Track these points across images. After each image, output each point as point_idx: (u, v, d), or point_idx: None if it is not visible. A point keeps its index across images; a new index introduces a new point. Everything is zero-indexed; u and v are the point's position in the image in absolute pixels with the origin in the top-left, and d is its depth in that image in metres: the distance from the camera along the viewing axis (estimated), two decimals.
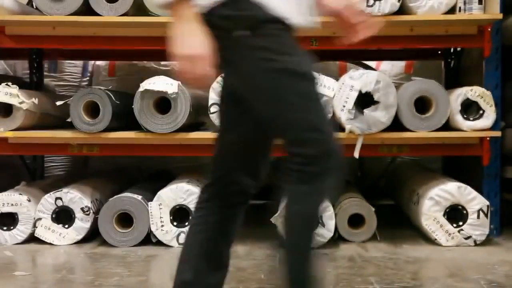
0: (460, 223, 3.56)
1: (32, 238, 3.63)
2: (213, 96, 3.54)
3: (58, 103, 3.74)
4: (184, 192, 3.56)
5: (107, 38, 3.77)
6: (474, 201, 3.55)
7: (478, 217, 3.54)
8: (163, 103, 3.57)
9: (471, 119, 3.61)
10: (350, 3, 1.99)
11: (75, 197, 3.61)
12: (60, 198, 3.60)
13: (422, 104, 3.60)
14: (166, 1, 1.74)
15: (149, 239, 3.58)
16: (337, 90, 3.53)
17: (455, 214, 3.57)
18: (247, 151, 1.95)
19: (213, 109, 3.54)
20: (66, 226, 3.61)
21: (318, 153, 1.74)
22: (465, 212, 3.55)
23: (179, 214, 3.58)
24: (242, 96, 1.85)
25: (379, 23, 2.02)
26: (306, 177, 1.74)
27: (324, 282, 2.24)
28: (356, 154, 3.53)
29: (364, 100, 3.51)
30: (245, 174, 1.94)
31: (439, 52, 4.59)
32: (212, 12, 1.78)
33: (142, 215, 3.57)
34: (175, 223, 3.57)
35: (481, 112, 3.60)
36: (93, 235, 3.70)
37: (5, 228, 3.62)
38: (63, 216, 3.62)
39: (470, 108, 3.62)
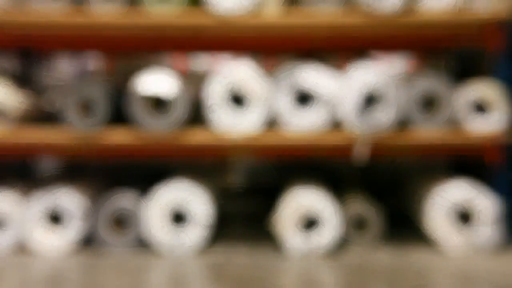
0: (464, 225, 3.54)
1: (28, 240, 3.62)
2: (213, 96, 3.53)
3: (58, 103, 3.73)
4: (184, 192, 3.55)
5: (107, 38, 3.76)
6: (479, 202, 3.53)
7: (483, 218, 3.52)
8: (162, 103, 3.56)
9: (476, 118, 3.60)
10: None
11: (73, 198, 3.60)
12: (58, 199, 3.59)
13: (424, 104, 3.59)
14: None
15: (148, 240, 3.57)
16: (337, 90, 3.52)
17: (459, 215, 3.56)
18: None
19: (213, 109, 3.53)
20: (64, 227, 3.60)
21: None
22: (469, 213, 3.54)
23: (178, 214, 3.58)
24: None
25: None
26: None
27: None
28: (356, 154, 3.53)
29: (365, 100, 3.50)
30: None
31: (440, 52, 4.58)
32: None
33: (141, 215, 3.56)
34: (175, 223, 3.56)
35: (485, 111, 3.59)
36: (91, 236, 3.68)
37: (1, 229, 3.61)
38: (61, 217, 3.61)
39: (474, 108, 3.61)
